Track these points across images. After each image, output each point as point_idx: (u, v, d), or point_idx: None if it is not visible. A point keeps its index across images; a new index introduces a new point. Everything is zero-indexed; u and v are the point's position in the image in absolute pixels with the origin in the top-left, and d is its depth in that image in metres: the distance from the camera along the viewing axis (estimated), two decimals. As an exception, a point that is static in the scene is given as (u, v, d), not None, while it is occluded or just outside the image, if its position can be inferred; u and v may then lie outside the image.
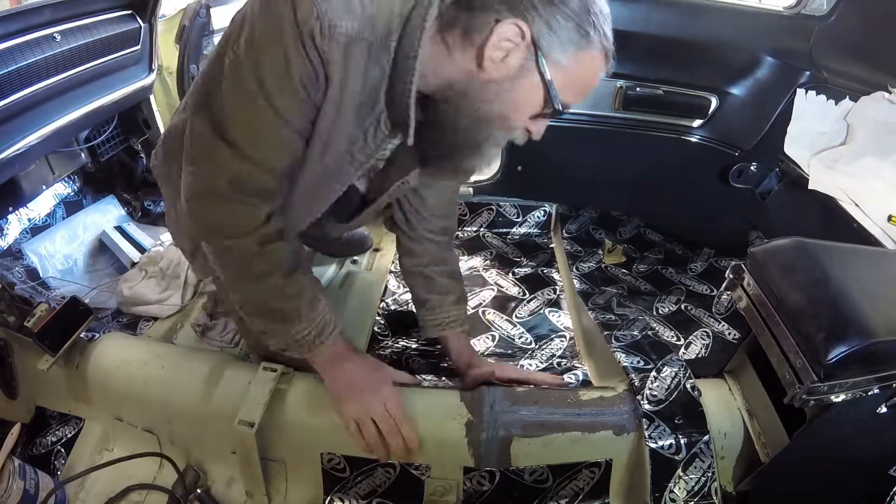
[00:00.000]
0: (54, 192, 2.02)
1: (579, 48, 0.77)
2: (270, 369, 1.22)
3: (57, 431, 1.35)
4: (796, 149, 1.59)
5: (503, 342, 1.65)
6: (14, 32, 1.40)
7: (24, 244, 1.83)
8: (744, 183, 1.80)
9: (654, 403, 1.16)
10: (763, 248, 1.03)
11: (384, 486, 1.21)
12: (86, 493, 1.22)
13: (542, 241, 2.17)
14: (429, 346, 1.63)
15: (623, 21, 1.70)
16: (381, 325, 1.71)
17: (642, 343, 1.36)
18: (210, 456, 1.27)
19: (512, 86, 0.77)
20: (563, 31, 0.75)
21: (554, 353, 1.61)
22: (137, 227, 2.09)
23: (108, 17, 1.72)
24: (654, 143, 1.86)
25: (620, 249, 2.05)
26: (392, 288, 1.88)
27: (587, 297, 1.74)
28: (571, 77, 0.78)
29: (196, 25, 2.19)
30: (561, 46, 0.75)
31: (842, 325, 0.85)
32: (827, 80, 1.58)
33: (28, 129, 1.51)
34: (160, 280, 1.73)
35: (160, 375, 1.26)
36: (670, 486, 1.12)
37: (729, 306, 1.73)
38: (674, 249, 2.10)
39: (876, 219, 1.33)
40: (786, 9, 1.68)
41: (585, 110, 1.86)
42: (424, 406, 1.20)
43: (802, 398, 0.87)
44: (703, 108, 1.79)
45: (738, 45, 1.70)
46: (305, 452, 1.21)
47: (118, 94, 1.84)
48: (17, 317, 1.26)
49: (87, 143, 2.00)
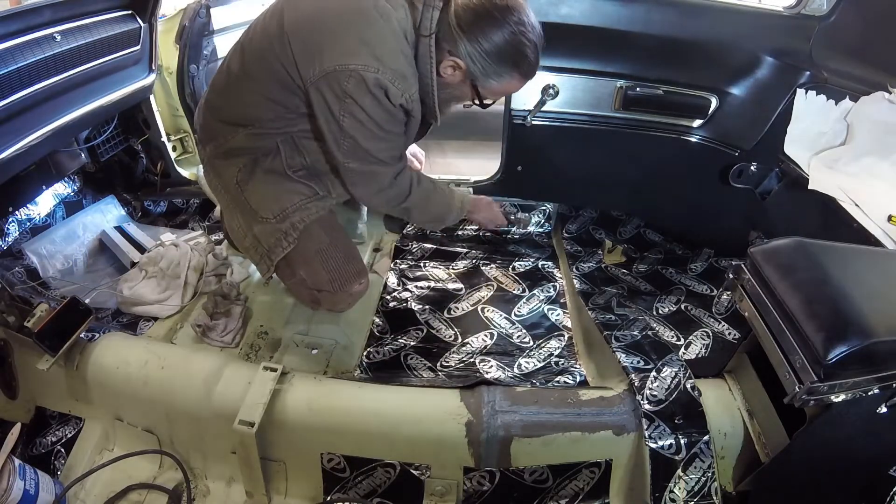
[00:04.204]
0: (54, 192, 2.02)
1: (499, 77, 1.21)
2: (270, 369, 1.22)
3: (57, 431, 1.35)
4: (796, 149, 1.59)
5: (501, 340, 1.66)
6: (14, 32, 1.40)
7: (24, 244, 1.84)
8: (744, 183, 1.80)
9: (654, 403, 1.16)
10: (763, 248, 1.03)
11: (384, 486, 1.22)
12: (86, 493, 1.22)
13: (543, 241, 2.17)
14: (427, 343, 1.64)
15: (623, 21, 1.70)
16: (381, 322, 1.71)
17: (642, 343, 1.36)
18: (210, 456, 1.27)
19: (456, 87, 1.27)
20: (486, 66, 1.19)
21: (552, 353, 1.61)
22: (137, 227, 2.09)
23: (108, 17, 1.72)
24: (654, 143, 1.86)
25: (620, 249, 2.05)
26: (391, 286, 1.88)
27: (587, 297, 1.74)
28: (492, 90, 1.27)
29: (196, 25, 2.19)
30: (484, 77, 1.21)
31: (842, 325, 0.85)
32: (827, 80, 1.58)
33: (28, 129, 1.51)
34: (160, 280, 1.73)
35: (160, 375, 1.26)
36: (670, 486, 1.12)
37: (729, 306, 1.73)
38: (674, 249, 2.10)
39: (876, 219, 1.33)
40: (786, 9, 1.68)
41: (585, 110, 1.87)
42: (424, 406, 1.20)
43: (802, 398, 0.87)
44: (703, 108, 1.79)
45: (738, 45, 1.70)
46: (305, 452, 1.21)
47: (118, 94, 1.85)
48: (17, 317, 1.26)
49: (87, 143, 2.00)
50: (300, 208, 1.33)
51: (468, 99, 1.31)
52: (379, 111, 1.19)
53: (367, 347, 1.61)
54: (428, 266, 1.99)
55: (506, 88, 1.27)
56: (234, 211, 1.38)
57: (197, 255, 1.79)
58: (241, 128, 1.29)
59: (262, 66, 1.22)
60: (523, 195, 2.13)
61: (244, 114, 1.28)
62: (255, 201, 1.33)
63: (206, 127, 1.36)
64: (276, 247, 1.33)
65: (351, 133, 1.21)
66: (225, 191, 1.38)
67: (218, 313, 1.61)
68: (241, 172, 1.32)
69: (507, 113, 1.89)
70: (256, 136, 1.29)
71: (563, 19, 1.69)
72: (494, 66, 1.19)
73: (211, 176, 1.41)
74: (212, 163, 1.38)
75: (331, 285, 1.38)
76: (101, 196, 2.16)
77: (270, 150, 1.31)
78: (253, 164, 1.32)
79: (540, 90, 1.81)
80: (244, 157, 1.32)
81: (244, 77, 1.25)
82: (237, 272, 1.82)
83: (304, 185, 1.35)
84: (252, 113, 1.27)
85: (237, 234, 1.40)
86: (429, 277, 1.93)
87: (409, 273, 1.95)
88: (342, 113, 1.18)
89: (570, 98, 1.84)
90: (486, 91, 1.26)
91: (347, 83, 1.14)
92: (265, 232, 1.33)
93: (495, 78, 1.21)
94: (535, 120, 1.87)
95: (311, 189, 1.36)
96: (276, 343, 1.57)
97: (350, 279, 1.40)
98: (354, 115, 1.18)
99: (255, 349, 1.56)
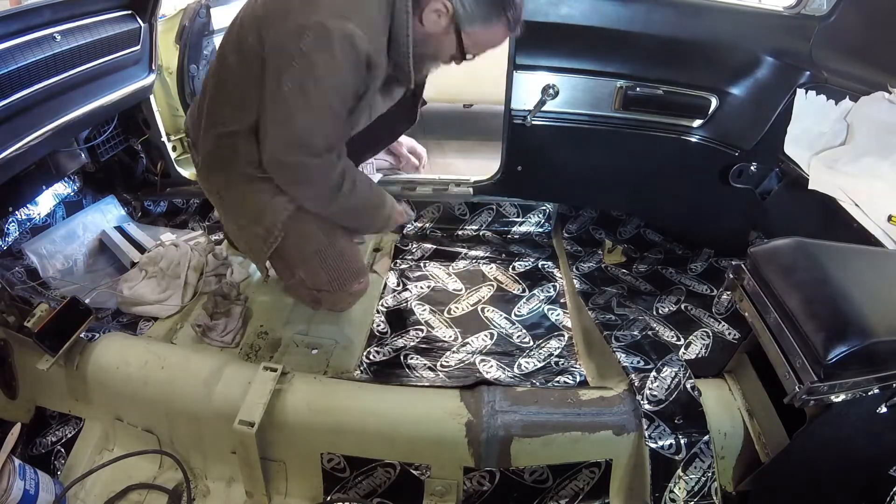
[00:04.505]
0: (54, 192, 2.02)
1: (486, 23, 1.19)
2: (270, 369, 1.22)
3: (57, 431, 1.35)
4: (796, 149, 1.59)
5: (501, 340, 1.66)
6: (14, 32, 1.40)
7: (24, 244, 1.83)
8: (744, 183, 1.80)
9: (654, 403, 1.16)
10: (763, 248, 1.03)
11: (384, 486, 1.22)
12: (86, 493, 1.22)
13: (543, 241, 2.17)
14: (427, 343, 1.64)
15: (623, 21, 1.70)
16: (381, 322, 1.71)
17: (642, 343, 1.36)
18: (210, 456, 1.27)
19: (436, 40, 1.21)
20: (475, 10, 1.16)
21: (552, 353, 1.61)
22: (137, 227, 2.09)
23: (108, 17, 1.72)
24: (654, 143, 1.86)
25: (620, 249, 2.05)
26: (391, 286, 1.88)
27: (587, 297, 1.74)
28: (477, 39, 1.22)
29: (196, 25, 2.19)
30: (470, 22, 1.18)
31: (842, 325, 0.85)
32: (827, 80, 1.58)
33: (28, 129, 1.51)
34: (160, 280, 1.73)
35: (160, 375, 1.26)
36: (670, 486, 1.12)
37: (729, 306, 1.73)
38: (674, 249, 2.10)
39: (876, 219, 1.33)
40: (786, 9, 1.68)
41: (585, 110, 1.87)
42: (424, 406, 1.20)
43: (802, 398, 0.87)
44: (703, 108, 1.79)
45: (738, 45, 1.69)
46: (305, 452, 1.21)
47: (118, 94, 1.84)
48: (17, 317, 1.26)
49: (87, 143, 2.00)
50: (268, 206, 1.29)
51: (447, 54, 1.26)
52: (332, 73, 1.11)
53: (368, 347, 1.61)
54: (428, 266, 1.99)
55: (491, 37, 1.23)
56: (222, 216, 1.44)
57: (197, 255, 1.79)
58: (210, 130, 1.29)
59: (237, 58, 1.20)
60: (523, 195, 2.13)
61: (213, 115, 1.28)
62: (232, 208, 1.36)
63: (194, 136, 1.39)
64: (260, 249, 1.34)
65: (290, 103, 1.12)
66: (212, 196, 1.41)
67: (218, 313, 1.61)
68: (220, 179, 1.34)
69: (507, 113, 1.89)
70: (221, 135, 1.27)
71: (563, 19, 1.69)
72: (483, 6, 1.16)
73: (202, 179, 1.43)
74: (201, 172, 1.40)
75: (330, 285, 1.38)
76: (101, 196, 2.16)
77: (236, 149, 1.27)
78: (228, 169, 1.30)
79: (540, 90, 1.81)
80: (219, 163, 1.31)
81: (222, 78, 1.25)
82: (237, 272, 1.82)
83: (267, 182, 1.28)
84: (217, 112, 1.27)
85: (234, 235, 1.44)
86: (429, 277, 1.93)
87: (410, 273, 1.95)
88: (288, 80, 1.11)
89: (570, 98, 1.84)
90: (471, 40, 1.21)
91: (305, 39, 1.08)
92: (247, 236, 1.36)
93: (482, 23, 1.18)
94: (535, 120, 1.87)
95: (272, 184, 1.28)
96: (276, 343, 1.57)
97: (349, 279, 1.40)
98: (301, 80, 1.11)
99: (255, 349, 1.56)
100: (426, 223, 2.19)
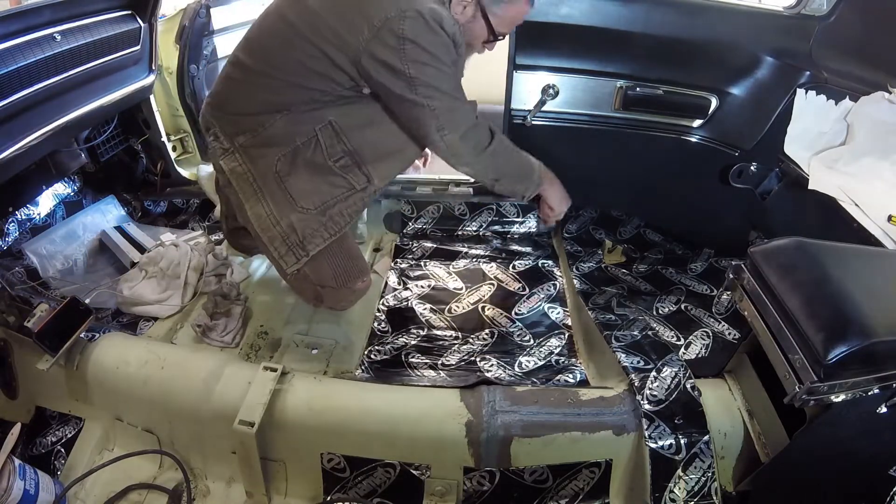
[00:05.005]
0: (54, 192, 2.02)
1: (509, 3, 1.30)
2: (270, 369, 1.22)
3: (57, 431, 1.35)
4: (796, 149, 1.59)
5: (501, 339, 1.66)
6: (14, 32, 1.40)
7: (24, 244, 1.83)
8: (744, 183, 1.80)
9: (654, 403, 1.16)
10: (763, 248, 1.03)
11: (384, 486, 1.22)
12: (86, 493, 1.22)
13: (543, 240, 2.17)
14: (428, 342, 1.64)
15: (623, 21, 1.70)
16: (382, 321, 1.71)
17: (642, 343, 1.36)
18: (210, 456, 1.27)
19: (468, 29, 1.31)
20: None
21: (552, 351, 1.61)
22: (137, 227, 2.09)
23: (108, 17, 1.72)
24: (654, 143, 1.86)
25: (620, 249, 2.05)
26: (392, 285, 1.88)
27: (587, 297, 1.74)
28: (503, 17, 1.32)
29: (196, 25, 2.19)
30: (496, 2, 1.29)
31: (841, 324, 0.85)
32: (827, 80, 1.58)
33: (28, 128, 1.51)
34: (160, 280, 1.73)
35: (160, 375, 1.26)
36: (670, 486, 1.12)
37: (729, 306, 1.73)
38: (674, 249, 2.10)
39: (876, 219, 1.33)
40: (786, 9, 1.68)
41: (585, 110, 1.87)
42: (424, 406, 1.20)
43: (802, 398, 0.87)
44: (703, 108, 1.79)
45: (738, 45, 1.70)
46: (305, 452, 1.21)
47: (118, 94, 1.84)
48: (17, 317, 1.26)
49: (87, 143, 2.00)
50: (341, 200, 1.33)
51: (480, 41, 1.35)
52: (439, 44, 1.20)
53: (369, 346, 1.61)
54: (428, 265, 1.99)
55: (517, 11, 1.32)
56: (262, 199, 1.32)
57: (197, 255, 1.79)
58: (276, 114, 1.28)
59: (290, 56, 1.22)
60: (523, 195, 2.13)
61: (275, 101, 1.28)
62: (296, 191, 1.30)
63: (232, 120, 1.33)
64: (314, 237, 1.31)
65: (423, 78, 1.21)
66: (257, 178, 1.32)
67: (218, 313, 1.61)
68: (281, 162, 1.29)
69: (507, 113, 1.89)
70: (293, 121, 1.28)
71: (563, 19, 1.69)
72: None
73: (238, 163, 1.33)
74: (247, 151, 1.32)
75: (334, 281, 1.38)
76: (101, 196, 2.16)
77: (310, 138, 1.29)
78: (294, 153, 1.29)
79: (540, 90, 1.81)
80: (284, 147, 1.30)
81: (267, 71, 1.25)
82: (237, 272, 1.82)
83: (344, 179, 1.32)
84: (284, 100, 1.27)
85: (263, 222, 1.32)
86: (429, 276, 1.93)
87: (410, 272, 1.95)
88: (405, 63, 1.19)
89: (570, 98, 1.84)
90: (498, 19, 1.31)
91: (402, 25, 1.16)
92: (303, 221, 1.30)
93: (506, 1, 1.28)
94: (535, 120, 1.87)
95: (349, 182, 1.33)
96: (276, 343, 1.57)
97: (354, 275, 1.40)
98: (418, 59, 1.19)
99: (255, 349, 1.56)
100: (426, 223, 2.20)
